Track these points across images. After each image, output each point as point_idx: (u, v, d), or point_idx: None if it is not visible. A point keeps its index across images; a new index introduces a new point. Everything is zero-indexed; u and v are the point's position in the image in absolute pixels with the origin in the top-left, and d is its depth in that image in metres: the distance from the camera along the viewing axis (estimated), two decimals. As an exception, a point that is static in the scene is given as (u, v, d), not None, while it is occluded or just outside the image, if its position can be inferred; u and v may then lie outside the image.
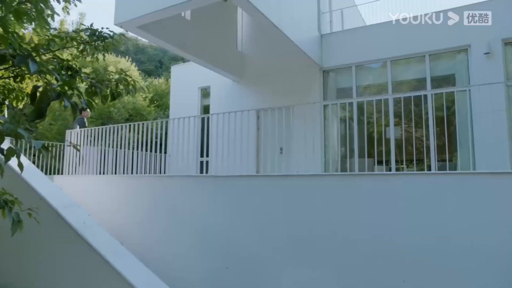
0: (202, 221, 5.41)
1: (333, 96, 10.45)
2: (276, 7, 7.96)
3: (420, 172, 4.11)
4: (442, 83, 9.50)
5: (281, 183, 4.88)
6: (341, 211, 4.39)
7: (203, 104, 12.67)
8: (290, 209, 4.74)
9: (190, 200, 5.61)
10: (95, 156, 8.38)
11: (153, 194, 6.14)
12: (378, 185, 4.24)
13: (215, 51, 10.27)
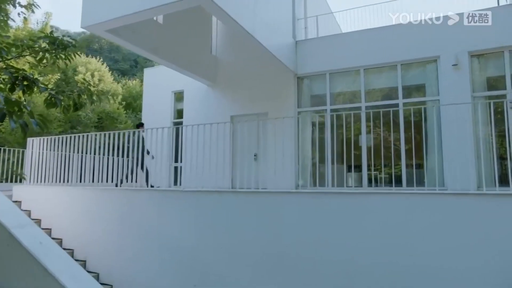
0: (171, 237, 5.24)
1: (307, 103, 10.48)
2: (250, 14, 7.88)
3: (390, 191, 4.10)
4: (413, 92, 9.69)
5: (252, 200, 4.79)
6: (312, 230, 4.35)
7: (177, 108, 12.44)
8: (260, 227, 4.66)
9: (158, 215, 5.43)
10: (59, 164, 7.99)
11: (119, 208, 5.89)
12: (349, 204, 4.21)
13: (189, 56, 10.09)
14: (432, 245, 3.88)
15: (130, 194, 5.71)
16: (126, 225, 5.70)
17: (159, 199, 5.46)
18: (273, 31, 8.98)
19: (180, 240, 5.15)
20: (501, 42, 8.39)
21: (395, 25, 10.01)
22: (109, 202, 6.03)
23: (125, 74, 31.66)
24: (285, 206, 4.55)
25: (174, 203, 5.35)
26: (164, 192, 5.40)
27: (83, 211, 6.53)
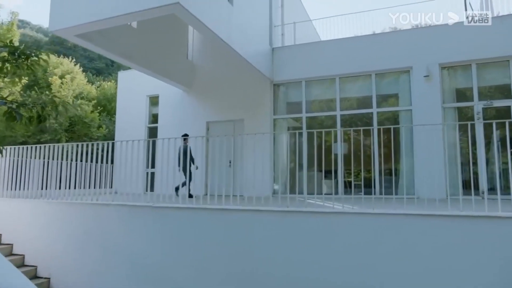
0: (138, 253, 5.09)
1: (284, 110, 10.50)
2: (226, 22, 7.81)
3: (360, 212, 4.10)
4: (387, 101, 9.87)
5: (221, 217, 4.71)
6: (281, 248, 4.32)
7: (152, 112, 12.21)
8: (230, 244, 4.59)
9: (125, 230, 5.25)
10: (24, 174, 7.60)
11: (85, 223, 5.65)
12: (319, 224, 4.20)
13: (164, 61, 9.91)
14: (401, 267, 3.90)
15: (96, 208, 5.50)
16: (91, 241, 5.49)
17: (127, 214, 5.29)
18: (249, 39, 8.94)
19: (147, 257, 5.01)
20: (469, 55, 8.65)
21: (371, 35, 10.19)
22: (75, 217, 5.77)
23: (101, 73, 30.87)
24: (254, 224, 4.51)
25: (142, 219, 5.19)
26: (132, 208, 5.24)
27: (47, 225, 6.20)
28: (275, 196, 9.01)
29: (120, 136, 12.33)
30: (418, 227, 3.85)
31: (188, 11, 6.41)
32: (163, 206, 5.03)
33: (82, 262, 5.54)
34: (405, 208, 4.21)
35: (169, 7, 6.31)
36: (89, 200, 5.71)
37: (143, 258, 5.02)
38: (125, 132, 12.13)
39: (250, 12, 9.15)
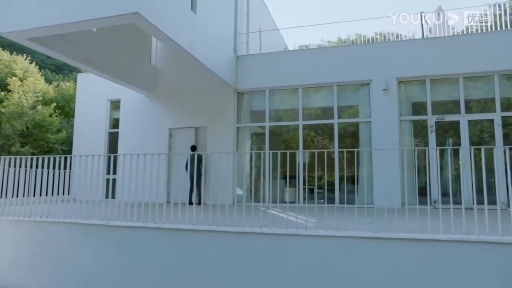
0: (91, 275, 4.85)
1: (247, 118, 10.52)
2: (188, 30, 7.70)
3: (311, 234, 4.14)
4: (347, 113, 10.14)
5: (175, 237, 4.62)
6: (235, 270, 4.28)
7: (113, 117, 11.84)
8: (184, 266, 4.49)
9: (77, 251, 5.00)
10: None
11: (33, 243, 5.34)
12: (272, 245, 4.19)
13: (126, 66, 9.63)
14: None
15: (46, 227, 5.21)
16: (40, 262, 5.20)
17: (79, 233, 5.05)
18: (213, 47, 8.87)
19: (100, 279, 4.82)
20: (424, 71, 9.06)
21: (333, 48, 10.46)
22: (22, 236, 5.45)
23: (62, 70, 29.48)
24: (209, 245, 4.47)
25: (95, 238, 4.98)
26: (84, 226, 5.03)
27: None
28: (239, 204, 9.10)
29: (78, 141, 11.89)
30: (368, 250, 3.96)
31: (148, 21, 6.25)
32: (117, 225, 4.87)
33: (29, 286, 5.22)
34: (356, 229, 4.33)
35: (127, 17, 6.12)
36: (38, 217, 5.42)
37: (96, 280, 4.83)
38: (84, 136, 11.72)
39: (214, 20, 9.09)
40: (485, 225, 3.87)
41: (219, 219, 4.97)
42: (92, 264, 4.93)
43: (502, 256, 3.73)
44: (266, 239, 4.27)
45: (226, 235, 4.42)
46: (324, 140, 10.34)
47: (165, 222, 4.91)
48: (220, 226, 4.61)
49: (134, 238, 4.80)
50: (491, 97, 8.83)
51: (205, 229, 4.54)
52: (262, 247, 4.25)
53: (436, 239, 3.79)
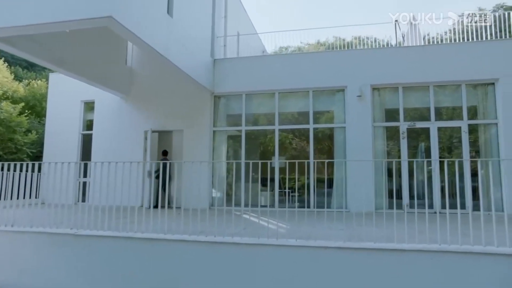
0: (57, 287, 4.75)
1: (223, 122, 10.52)
2: (164, 34, 7.63)
3: (282, 244, 4.20)
4: (323, 118, 10.30)
5: (146, 247, 4.56)
6: (207, 281, 4.29)
7: (86, 118, 11.57)
8: (156, 276, 4.42)
9: (44, 263, 4.87)
10: None
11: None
12: (243, 255, 4.21)
13: (100, 67, 9.43)
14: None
15: (11, 237, 5.03)
16: (4, 275, 5.01)
17: (46, 243, 4.91)
18: (189, 50, 8.82)
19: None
20: (397, 79, 9.32)
21: (310, 53, 10.61)
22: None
23: (34, 66, 28.48)
24: (180, 255, 4.44)
25: (63, 248, 4.84)
26: (51, 236, 4.89)
27: None
28: (212, 209, 9.09)
29: (50, 142, 11.56)
30: (337, 260, 4.04)
31: (122, 25, 6.15)
32: (86, 235, 4.76)
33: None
34: (327, 237, 4.42)
35: (100, 20, 6.00)
36: (3, 226, 5.23)
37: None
38: (56, 138, 11.41)
39: (191, 24, 9.03)
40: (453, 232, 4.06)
41: (192, 227, 4.96)
42: (60, 276, 4.81)
43: (462, 264, 3.90)
44: (238, 249, 4.29)
45: (197, 245, 4.41)
46: (302, 141, 10.48)
47: (136, 231, 4.85)
48: (192, 236, 4.60)
49: (104, 248, 4.71)
50: (459, 105, 9.18)
51: (177, 238, 4.51)
52: (233, 257, 4.27)
53: (400, 248, 3.93)
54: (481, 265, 3.82)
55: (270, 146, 10.29)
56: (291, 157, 10.63)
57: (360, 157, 9.15)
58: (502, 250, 3.86)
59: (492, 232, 4.02)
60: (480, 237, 4.01)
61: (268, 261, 4.16)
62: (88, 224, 5.21)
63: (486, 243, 3.98)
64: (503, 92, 8.69)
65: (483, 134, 9.16)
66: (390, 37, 12.89)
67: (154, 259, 4.50)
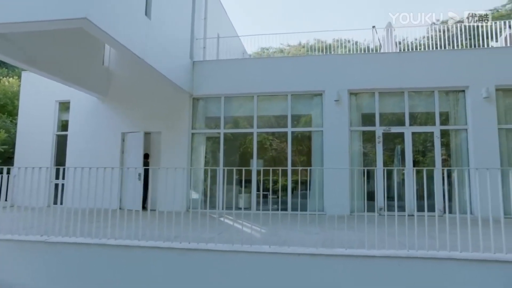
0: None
1: (202, 125, 10.49)
2: (142, 36, 7.53)
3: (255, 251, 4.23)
4: (301, 122, 10.42)
5: (120, 254, 4.45)
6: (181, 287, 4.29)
7: (61, 119, 11.30)
8: (130, 285, 4.40)
9: (12, 272, 4.70)
10: None
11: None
12: (217, 262, 4.19)
13: (75, 67, 9.22)
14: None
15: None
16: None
17: (16, 251, 4.75)
18: (168, 52, 8.75)
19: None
20: (373, 84, 9.52)
21: (289, 57, 10.69)
22: None
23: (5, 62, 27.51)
24: (154, 262, 4.40)
25: (33, 256, 4.70)
26: (21, 243, 4.73)
27: None
28: (190, 211, 9.03)
29: (22, 142, 11.23)
30: (310, 267, 4.10)
31: (98, 27, 6.05)
32: (58, 241, 4.65)
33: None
34: (302, 243, 4.49)
35: (75, 21, 5.88)
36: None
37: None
38: (29, 138, 11.10)
39: (170, 26, 8.95)
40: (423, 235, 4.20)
41: (167, 232, 4.92)
42: (30, 285, 4.69)
43: (429, 270, 4.04)
44: (212, 256, 4.30)
45: (172, 252, 4.40)
46: (282, 142, 10.55)
47: (110, 238, 4.78)
48: (166, 242, 4.58)
49: (77, 256, 4.61)
50: (432, 111, 9.47)
51: (150, 245, 4.48)
52: (207, 265, 4.27)
53: (370, 255, 4.04)
54: (446, 270, 3.97)
55: (249, 147, 10.32)
56: (270, 158, 10.72)
57: (337, 160, 9.32)
58: (465, 255, 4.03)
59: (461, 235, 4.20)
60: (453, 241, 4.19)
61: (242, 268, 4.19)
62: (60, 229, 5.09)
63: (451, 248, 4.15)
64: (472, 99, 9.02)
65: (454, 139, 9.48)
66: (369, 41, 13.22)
67: (128, 267, 4.46)
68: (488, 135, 8.89)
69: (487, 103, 8.93)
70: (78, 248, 4.59)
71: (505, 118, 9.09)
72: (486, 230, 4.11)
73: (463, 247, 4.14)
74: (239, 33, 15.43)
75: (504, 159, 8.94)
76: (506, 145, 9.04)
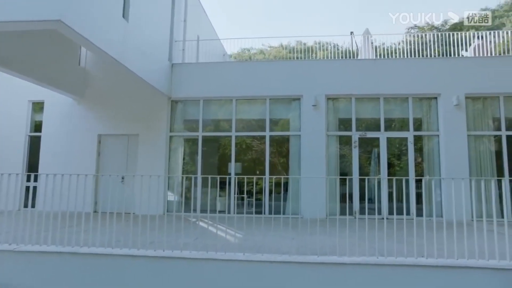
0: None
1: (180, 127, 10.44)
2: (119, 39, 7.44)
3: (231, 259, 4.27)
4: (279, 126, 10.52)
5: (93, 263, 4.38)
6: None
7: (34, 119, 11.00)
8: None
9: None
10: None
11: None
12: (191, 271, 4.16)
13: (49, 67, 8.98)
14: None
15: None
16: None
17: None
18: (146, 55, 8.66)
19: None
20: (350, 90, 9.72)
21: (267, 62, 10.78)
22: None
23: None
24: (128, 270, 4.37)
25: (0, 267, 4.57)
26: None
27: None
28: (168, 214, 8.99)
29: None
30: (282, 275, 4.17)
31: (73, 29, 5.95)
32: (28, 251, 4.53)
33: None
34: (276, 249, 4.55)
35: (49, 23, 5.77)
36: None
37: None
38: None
39: (148, 28, 8.86)
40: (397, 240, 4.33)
41: (141, 238, 4.87)
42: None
43: (399, 278, 4.19)
44: (186, 264, 4.30)
45: (146, 260, 4.37)
46: (261, 144, 10.61)
47: (82, 246, 4.72)
48: (140, 250, 4.56)
49: (47, 265, 4.51)
50: (406, 117, 9.76)
51: (124, 253, 4.44)
52: (182, 273, 4.27)
53: (341, 262, 4.15)
54: (414, 277, 4.13)
55: (228, 148, 10.34)
56: (250, 159, 10.78)
57: (315, 164, 9.48)
58: (431, 261, 4.19)
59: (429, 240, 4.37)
60: (422, 246, 4.37)
61: (216, 277, 4.22)
62: (30, 237, 4.97)
63: (418, 253, 4.32)
64: (444, 107, 9.35)
65: (427, 144, 9.79)
66: (348, 44, 13.47)
67: (101, 276, 4.39)
68: (458, 141, 9.24)
69: (458, 111, 9.28)
70: (49, 257, 4.49)
71: (474, 125, 9.46)
72: (453, 235, 4.30)
73: (429, 253, 4.31)
74: (219, 32, 15.45)
75: (473, 164, 9.31)
76: (474, 150, 9.41)
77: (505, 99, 9.40)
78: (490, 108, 9.54)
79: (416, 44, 11.25)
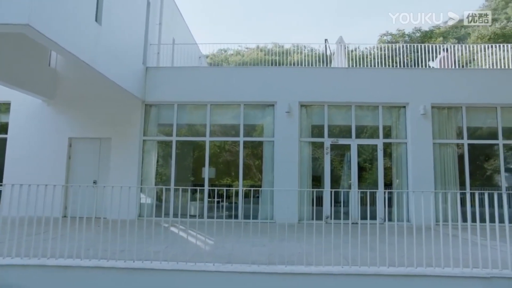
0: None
1: (154, 131, 10.36)
2: (91, 43, 7.31)
3: (201, 270, 4.31)
4: (253, 131, 10.64)
5: (61, 276, 4.34)
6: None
7: (0, 121, 10.61)
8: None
9: None
10: None
11: None
12: (161, 283, 4.22)
13: (16, 68, 8.67)
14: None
15: None
16: None
17: None
18: (119, 59, 8.55)
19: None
20: (322, 97, 9.95)
21: (242, 68, 10.86)
22: None
23: None
24: (98, 283, 4.36)
25: None
26: None
27: None
28: (141, 219, 8.92)
29: None
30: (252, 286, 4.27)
31: (42, 34, 5.81)
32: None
33: None
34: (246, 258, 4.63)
35: (16, 27, 5.62)
36: None
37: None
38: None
39: (122, 31, 8.74)
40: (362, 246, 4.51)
41: (112, 246, 4.79)
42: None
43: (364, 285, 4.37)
44: (157, 275, 4.32)
45: (116, 272, 4.36)
46: (236, 146, 10.67)
47: (49, 257, 4.63)
48: (110, 261, 4.53)
49: (13, 279, 4.40)
50: (376, 124, 10.09)
51: (93, 265, 4.40)
52: (153, 285, 4.29)
53: (308, 272, 4.29)
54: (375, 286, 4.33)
55: (203, 151, 10.34)
56: (224, 161, 10.83)
57: (287, 169, 9.65)
58: (393, 270, 4.40)
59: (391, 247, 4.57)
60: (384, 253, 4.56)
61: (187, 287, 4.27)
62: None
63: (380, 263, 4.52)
64: (412, 115, 9.74)
65: (396, 151, 10.15)
66: (323, 48, 13.75)
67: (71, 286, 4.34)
68: (424, 148, 9.65)
69: (424, 120, 9.69)
70: (13, 270, 4.38)
71: (439, 134, 9.91)
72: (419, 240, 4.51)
73: (391, 262, 4.51)
74: (197, 31, 15.48)
75: (437, 170, 9.75)
76: (439, 157, 9.85)
77: (467, 109, 9.90)
78: (454, 117, 10.02)
79: (387, 50, 11.62)
